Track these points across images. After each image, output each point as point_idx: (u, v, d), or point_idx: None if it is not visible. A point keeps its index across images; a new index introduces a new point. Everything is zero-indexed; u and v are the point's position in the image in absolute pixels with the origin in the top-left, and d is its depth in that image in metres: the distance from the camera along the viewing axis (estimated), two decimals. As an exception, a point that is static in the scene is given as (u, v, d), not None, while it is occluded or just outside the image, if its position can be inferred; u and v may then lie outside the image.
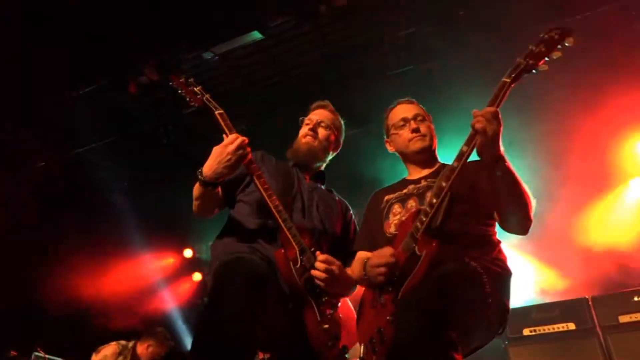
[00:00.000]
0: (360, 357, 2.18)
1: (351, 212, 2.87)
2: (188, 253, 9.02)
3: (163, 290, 8.76)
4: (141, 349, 5.54)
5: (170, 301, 8.84)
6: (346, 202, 2.89)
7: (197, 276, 9.18)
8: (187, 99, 2.48)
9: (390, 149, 2.68)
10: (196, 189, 2.37)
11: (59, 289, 7.22)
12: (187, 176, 7.42)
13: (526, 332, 4.92)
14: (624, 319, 4.61)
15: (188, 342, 8.74)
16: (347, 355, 2.34)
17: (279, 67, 6.03)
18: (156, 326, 5.93)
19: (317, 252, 2.36)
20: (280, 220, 2.30)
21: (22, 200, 7.46)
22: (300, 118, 2.86)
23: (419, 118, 2.55)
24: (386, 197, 2.53)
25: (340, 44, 5.74)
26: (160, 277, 8.72)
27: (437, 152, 2.64)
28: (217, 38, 5.30)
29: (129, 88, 5.60)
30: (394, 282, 2.14)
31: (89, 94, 5.94)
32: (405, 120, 2.55)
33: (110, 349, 5.37)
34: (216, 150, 2.27)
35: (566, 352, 4.69)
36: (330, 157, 2.87)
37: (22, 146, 6.68)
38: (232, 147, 2.24)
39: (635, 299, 4.65)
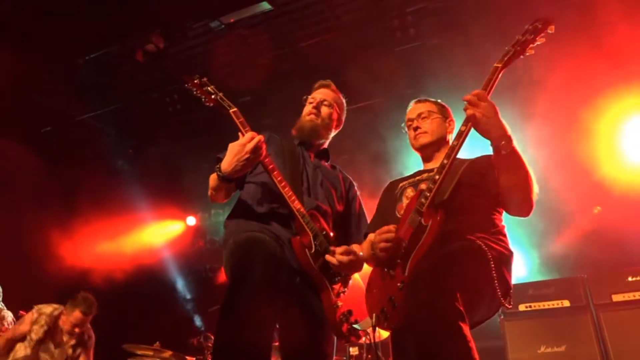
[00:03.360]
0: (372, 326, 2.31)
1: (355, 188, 2.96)
2: (191, 220, 9.12)
3: (166, 255, 8.89)
4: (64, 318, 4.87)
5: (173, 267, 8.99)
6: (350, 178, 2.97)
7: (199, 243, 9.31)
8: (202, 98, 2.53)
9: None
10: (213, 181, 2.48)
11: (62, 251, 7.34)
12: (192, 145, 7.47)
13: (522, 307, 5.03)
14: (617, 297, 4.72)
15: (189, 306, 8.93)
16: (357, 327, 2.49)
17: (287, 38, 6.01)
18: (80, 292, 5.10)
19: (332, 247, 2.50)
20: (294, 209, 2.43)
21: (28, 164, 7.53)
22: (304, 97, 2.92)
23: (423, 115, 2.70)
24: (400, 184, 2.66)
25: (349, 18, 5.70)
26: (163, 243, 8.84)
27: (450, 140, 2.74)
28: (225, 7, 5.27)
29: (135, 55, 5.59)
30: (402, 255, 2.24)
31: (97, 60, 5.94)
32: (410, 121, 2.73)
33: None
34: (234, 148, 2.36)
35: (560, 328, 4.80)
36: (332, 134, 2.95)
37: (29, 111, 6.72)
38: (250, 146, 2.33)
39: (629, 279, 4.74)
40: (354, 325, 2.50)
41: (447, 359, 1.80)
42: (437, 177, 2.22)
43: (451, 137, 2.71)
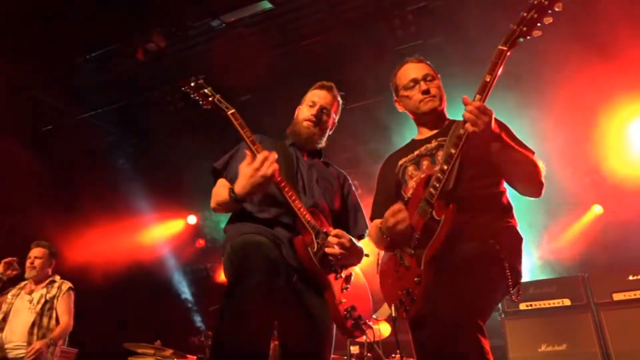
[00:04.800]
0: (393, 316, 2.32)
1: (349, 182, 2.96)
2: (192, 219, 9.13)
3: (167, 254, 8.90)
4: None
5: (173, 265, 9.00)
6: (344, 173, 2.97)
7: (200, 242, 9.33)
8: (200, 102, 2.49)
9: (400, 108, 2.69)
10: (222, 197, 2.43)
11: (63, 250, 7.35)
12: (193, 143, 7.47)
13: (522, 306, 5.03)
14: (617, 296, 4.73)
15: (190, 305, 8.95)
16: (375, 315, 2.51)
17: (287, 37, 6.01)
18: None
19: (329, 230, 2.53)
20: (295, 208, 2.43)
21: (30, 163, 7.54)
22: (305, 98, 2.87)
23: (429, 78, 2.54)
24: (400, 162, 2.57)
25: (349, 16, 5.70)
26: (164, 242, 8.85)
27: (445, 110, 2.65)
28: (226, 6, 5.28)
29: (136, 54, 5.60)
30: (414, 246, 2.23)
31: (97, 58, 5.95)
32: (415, 82, 2.54)
33: None
34: (247, 171, 2.31)
35: (561, 326, 4.81)
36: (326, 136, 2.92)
37: (30, 109, 6.73)
38: (263, 170, 2.30)
39: (630, 277, 4.75)
40: (373, 315, 2.53)
41: None
42: (445, 167, 2.14)
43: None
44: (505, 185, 2.38)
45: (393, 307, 2.35)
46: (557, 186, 6.03)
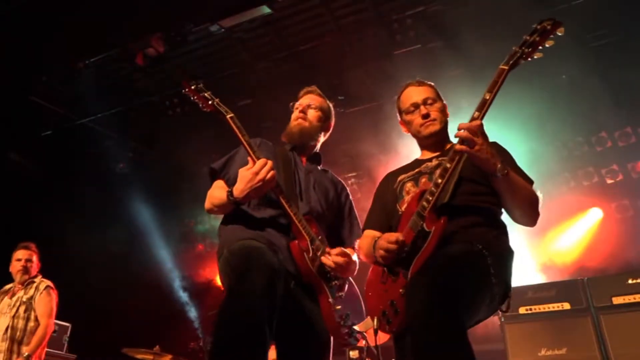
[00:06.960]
0: (374, 329, 2.31)
1: (347, 191, 2.97)
2: (190, 224, 9.13)
3: (166, 259, 8.89)
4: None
5: (172, 270, 8.98)
6: (342, 182, 2.99)
7: (199, 247, 9.31)
8: (200, 104, 2.54)
9: (404, 130, 2.74)
10: (219, 200, 2.51)
11: (63, 254, 7.35)
12: (192, 148, 7.46)
13: (522, 310, 5.02)
14: (617, 300, 4.71)
15: (188, 309, 8.93)
16: (356, 328, 2.51)
17: (286, 42, 6.03)
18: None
19: (327, 248, 2.54)
20: (291, 213, 2.45)
21: (29, 168, 7.54)
22: (291, 104, 2.93)
23: (429, 102, 2.57)
24: (399, 178, 2.59)
25: (349, 21, 5.72)
26: (163, 246, 8.83)
27: (448, 131, 2.67)
28: (225, 11, 5.29)
29: (136, 59, 5.62)
30: (403, 258, 2.22)
31: (97, 63, 5.96)
32: (415, 106, 2.57)
33: None
34: (246, 175, 2.38)
35: (560, 330, 4.79)
36: (322, 137, 2.94)
37: (29, 114, 6.74)
38: (262, 175, 2.36)
39: (630, 281, 4.74)
40: (354, 327, 2.52)
41: None
42: (440, 180, 2.16)
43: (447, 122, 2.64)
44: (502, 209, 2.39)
45: (375, 320, 2.33)
46: (556, 189, 6.05)
